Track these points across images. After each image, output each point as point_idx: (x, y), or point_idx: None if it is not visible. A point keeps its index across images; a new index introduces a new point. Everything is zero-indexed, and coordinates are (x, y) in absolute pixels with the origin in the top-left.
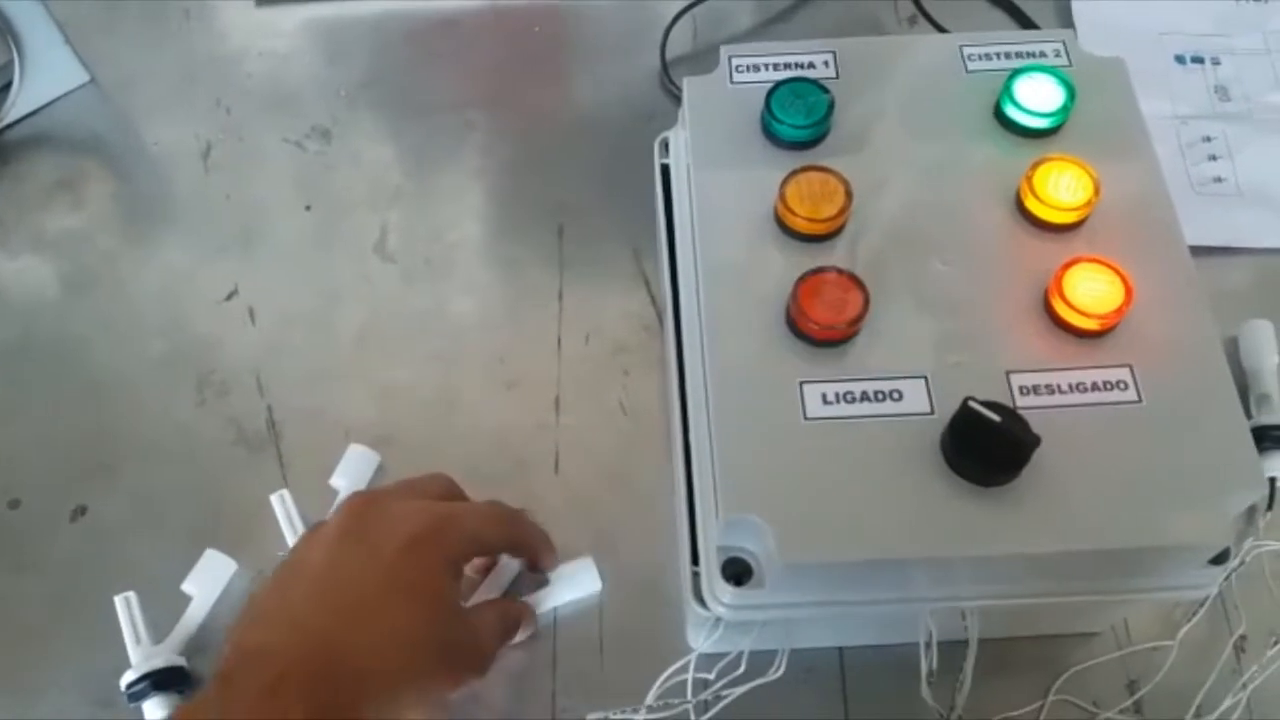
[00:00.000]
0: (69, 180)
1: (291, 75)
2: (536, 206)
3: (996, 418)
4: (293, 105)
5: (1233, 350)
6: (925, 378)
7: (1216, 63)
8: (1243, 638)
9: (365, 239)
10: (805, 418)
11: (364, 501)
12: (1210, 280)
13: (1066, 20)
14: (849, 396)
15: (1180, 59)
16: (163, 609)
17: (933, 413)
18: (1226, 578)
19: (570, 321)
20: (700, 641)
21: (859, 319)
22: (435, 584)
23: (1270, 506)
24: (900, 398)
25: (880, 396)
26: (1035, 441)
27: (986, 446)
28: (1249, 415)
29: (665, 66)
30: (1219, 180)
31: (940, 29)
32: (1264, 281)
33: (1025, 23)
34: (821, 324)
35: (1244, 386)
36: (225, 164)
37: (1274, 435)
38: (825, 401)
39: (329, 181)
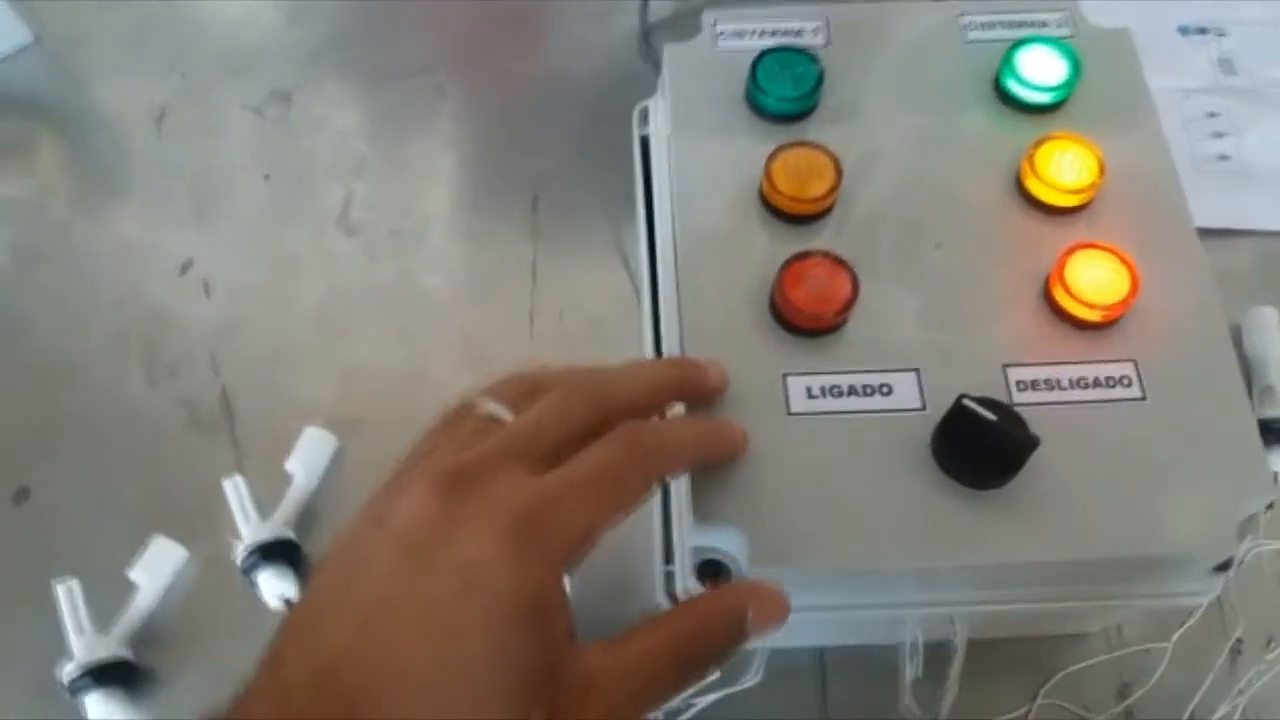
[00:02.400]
0: (12, 146)
1: (250, 36)
2: (510, 177)
3: (992, 417)
4: (252, 68)
5: (1235, 338)
6: (917, 371)
7: (1222, 34)
8: (1239, 641)
9: (327, 210)
10: (789, 413)
11: (437, 494)
12: (1213, 264)
13: None
14: (835, 390)
15: (1184, 30)
16: (108, 598)
17: (924, 409)
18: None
19: (544, 298)
20: None
21: (847, 307)
22: (516, 619)
23: (1270, 505)
24: (890, 392)
25: (869, 391)
26: (1034, 443)
27: (981, 448)
28: (1251, 407)
29: (646, 30)
30: (1223, 158)
31: None
32: (1268, 266)
33: None
34: (807, 312)
35: (1246, 377)
36: (180, 130)
37: (1276, 429)
38: (810, 395)
39: (289, 149)
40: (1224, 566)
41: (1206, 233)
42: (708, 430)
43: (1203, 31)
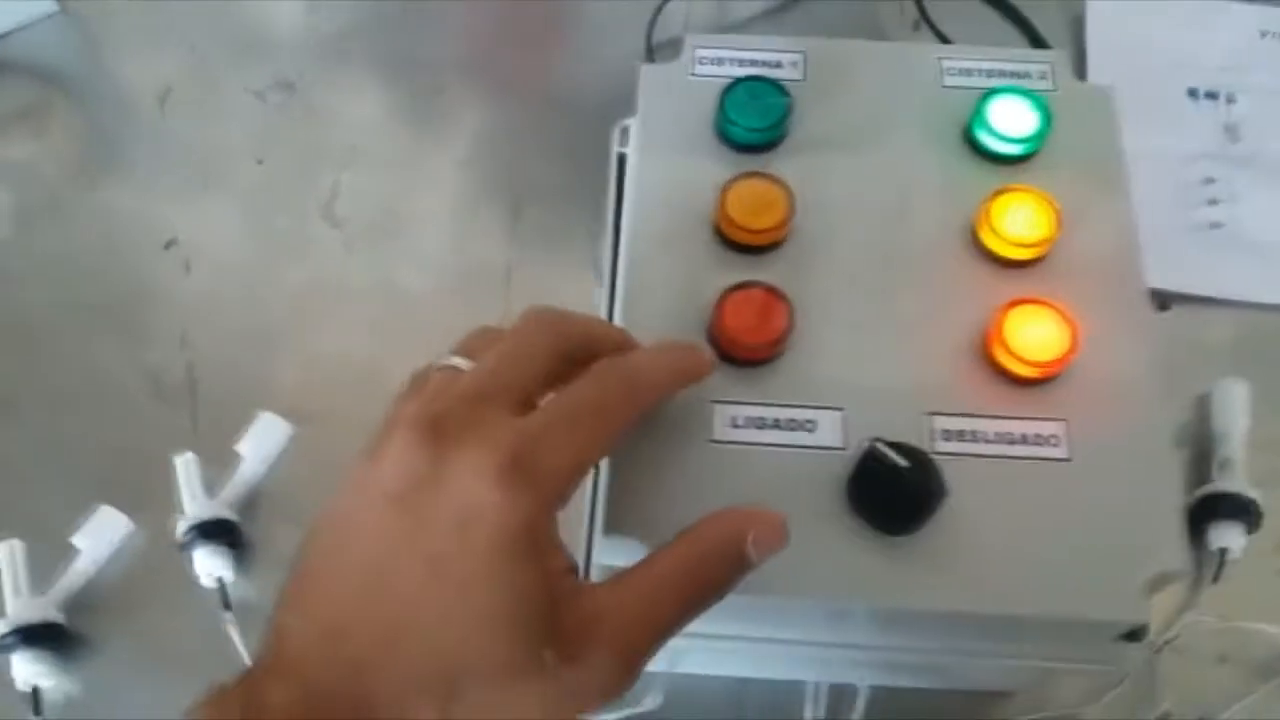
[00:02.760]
0: (27, 110)
1: (265, 20)
2: (496, 181)
3: (903, 463)
4: (261, 53)
5: (1203, 407)
6: (842, 410)
7: (1231, 100)
8: (1166, 715)
9: (314, 199)
10: (710, 440)
11: (418, 445)
12: (1190, 330)
13: (1080, 40)
14: (760, 422)
15: (1193, 93)
16: (51, 561)
17: (845, 449)
18: (1157, 650)
19: (516, 303)
20: None
21: (780, 340)
22: (514, 556)
23: (1216, 579)
24: (813, 429)
25: (793, 425)
26: (942, 494)
27: (890, 493)
28: (1209, 479)
29: (650, 50)
30: (1215, 226)
31: (942, 36)
32: (1246, 337)
33: (1036, 39)
34: (740, 342)
35: (1208, 448)
36: (183, 108)
37: (1230, 503)
38: (735, 425)
39: (285, 136)
40: (1135, 637)
41: (1188, 299)
42: (678, 355)
43: (1212, 96)
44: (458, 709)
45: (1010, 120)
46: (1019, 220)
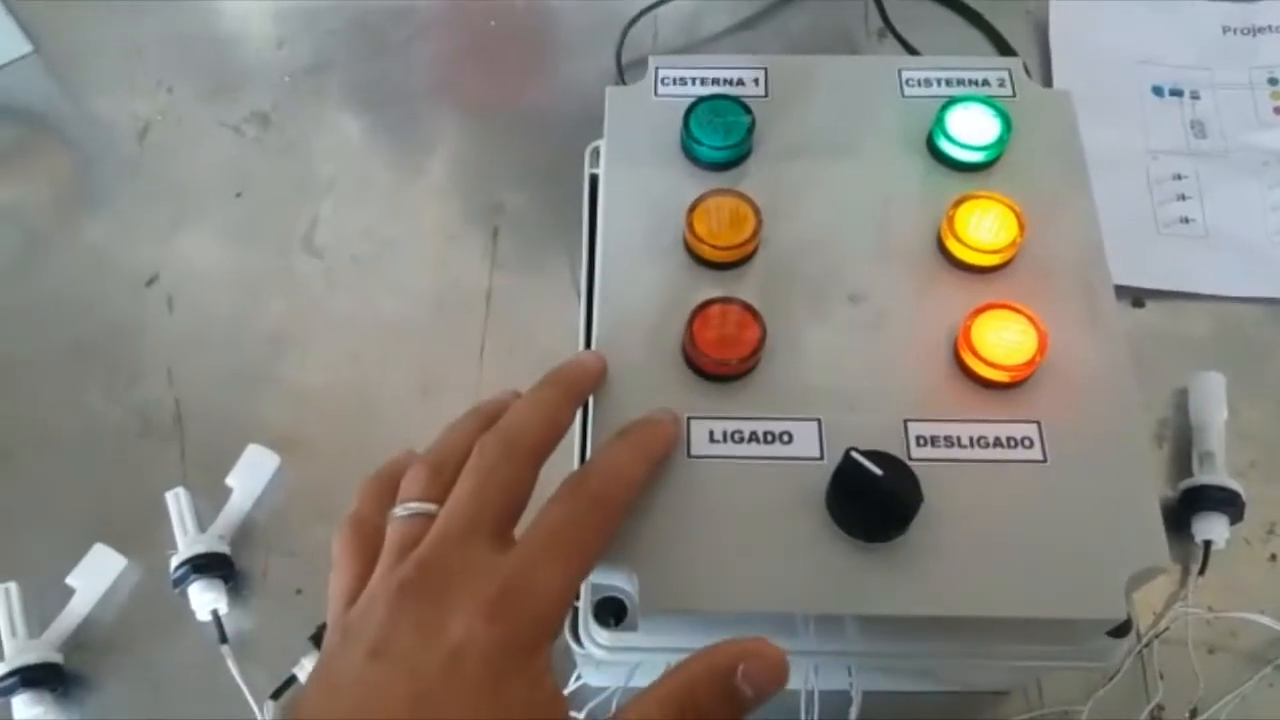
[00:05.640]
0: (6, 151)
1: (238, 57)
2: (473, 207)
3: (878, 471)
4: (235, 88)
5: (1182, 401)
6: (819, 421)
7: (1196, 97)
8: (1159, 708)
9: (293, 231)
10: (689, 455)
11: (405, 603)
12: (1166, 326)
13: (1044, 44)
14: (737, 436)
15: (1158, 90)
16: (48, 603)
17: (822, 459)
18: (1146, 644)
19: (496, 329)
20: (587, 674)
21: (752, 354)
22: (507, 693)
23: (1203, 571)
24: (790, 440)
25: (770, 438)
26: (918, 500)
27: (867, 501)
28: (1190, 472)
29: (620, 69)
30: (1186, 221)
31: (908, 46)
32: (1222, 331)
33: (1000, 43)
34: (713, 357)
35: (1189, 442)
36: (161, 145)
37: (1212, 496)
38: (712, 439)
39: (263, 169)
40: (1121, 632)
41: (1163, 295)
42: (641, 438)
43: (1177, 93)
44: None
45: (970, 128)
46: (983, 226)
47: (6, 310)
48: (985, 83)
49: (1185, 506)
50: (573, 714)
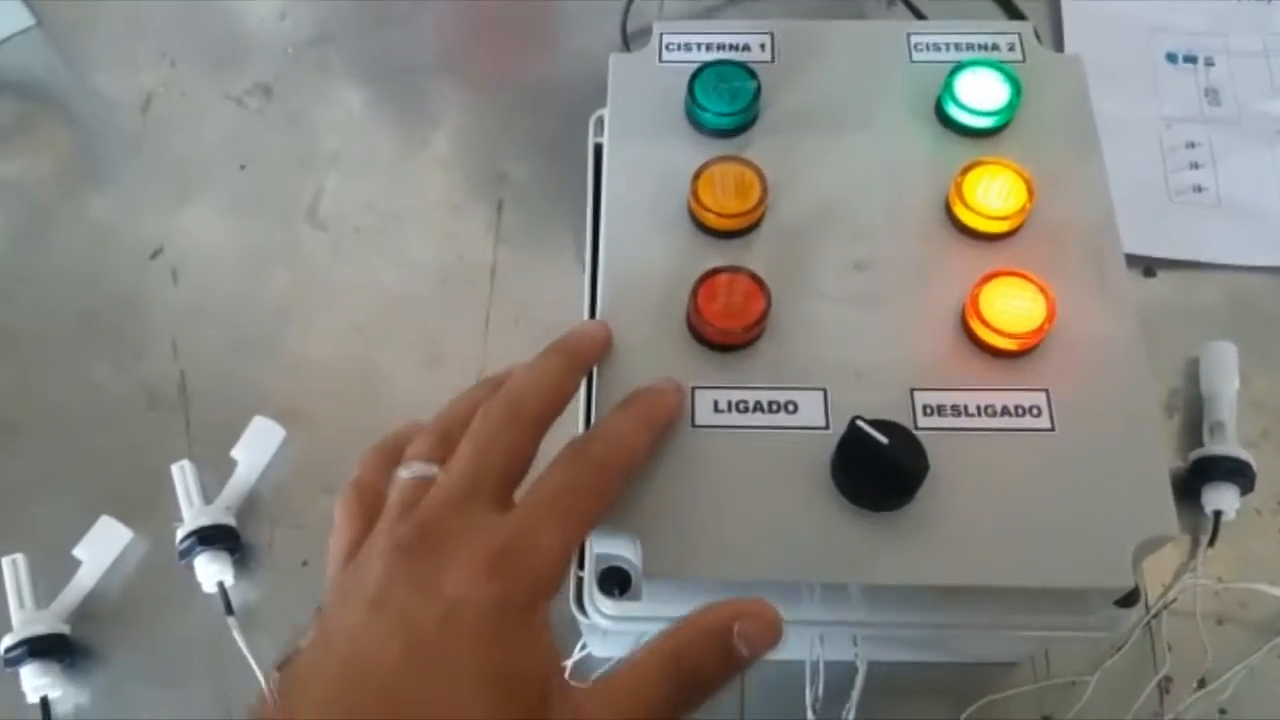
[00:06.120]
0: (9, 126)
1: (241, 29)
2: (478, 179)
3: (884, 440)
4: (238, 60)
5: (1193, 371)
6: (824, 390)
7: (1210, 64)
8: (1167, 679)
9: (297, 203)
10: (693, 425)
11: (406, 560)
12: (1177, 295)
13: (1056, 10)
14: (741, 406)
15: (1172, 57)
16: (55, 575)
17: (828, 428)
18: (1154, 615)
19: (500, 301)
20: (593, 644)
21: (757, 324)
22: (504, 652)
23: (1212, 542)
24: (795, 410)
25: (775, 408)
26: (924, 468)
27: (873, 470)
28: (1201, 443)
29: (626, 39)
30: (1199, 190)
31: (918, 13)
32: (1234, 300)
33: (1011, 9)
34: (718, 327)
35: (1200, 412)
36: (164, 117)
37: (1222, 466)
38: (716, 409)
39: (266, 141)
40: (1128, 602)
41: (1175, 264)
42: (644, 406)
43: (1191, 60)
44: None
45: (979, 93)
46: (991, 193)
47: (12, 284)
48: (995, 47)
49: (1195, 477)
50: (577, 683)
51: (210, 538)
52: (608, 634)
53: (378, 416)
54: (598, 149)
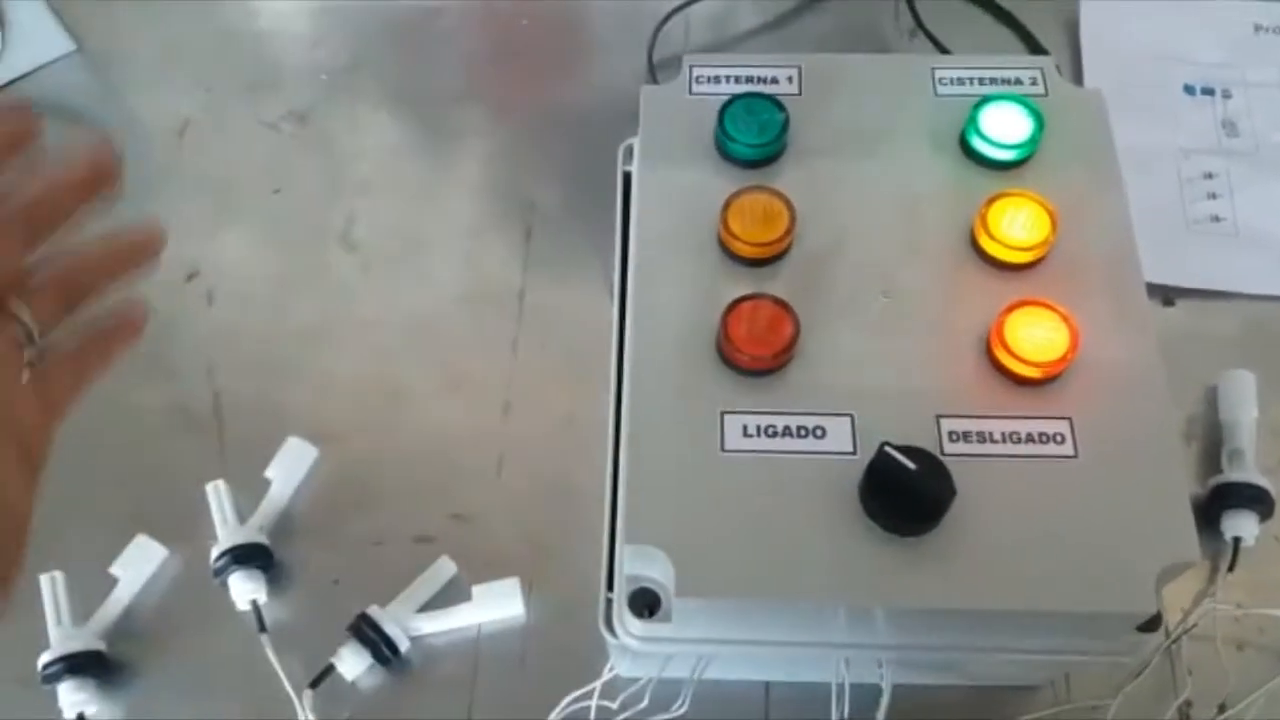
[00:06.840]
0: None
1: (275, 56)
2: (507, 205)
3: (912, 465)
4: (273, 86)
5: (1212, 399)
6: (851, 416)
7: (1227, 95)
8: (1188, 703)
9: (330, 227)
10: (723, 449)
11: None
12: (1196, 324)
13: (1075, 42)
14: (770, 430)
15: (1190, 89)
16: (92, 593)
17: (855, 454)
18: (1175, 640)
19: (529, 325)
20: (620, 665)
21: (787, 350)
22: None
23: (1232, 568)
24: (823, 435)
25: (803, 433)
26: (950, 494)
27: (901, 495)
28: (1219, 470)
29: (652, 68)
30: (1216, 219)
31: (939, 44)
32: (1252, 329)
33: (1031, 42)
34: (747, 353)
35: (1219, 439)
36: (200, 142)
37: (1242, 493)
38: (745, 434)
39: (300, 166)
40: (1150, 627)
41: (1193, 293)
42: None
43: (1209, 92)
44: None
45: (1003, 126)
46: (1016, 224)
47: None
48: (1018, 81)
49: (1214, 503)
50: (605, 703)
51: (244, 556)
52: (636, 655)
53: (408, 438)
54: (626, 177)
